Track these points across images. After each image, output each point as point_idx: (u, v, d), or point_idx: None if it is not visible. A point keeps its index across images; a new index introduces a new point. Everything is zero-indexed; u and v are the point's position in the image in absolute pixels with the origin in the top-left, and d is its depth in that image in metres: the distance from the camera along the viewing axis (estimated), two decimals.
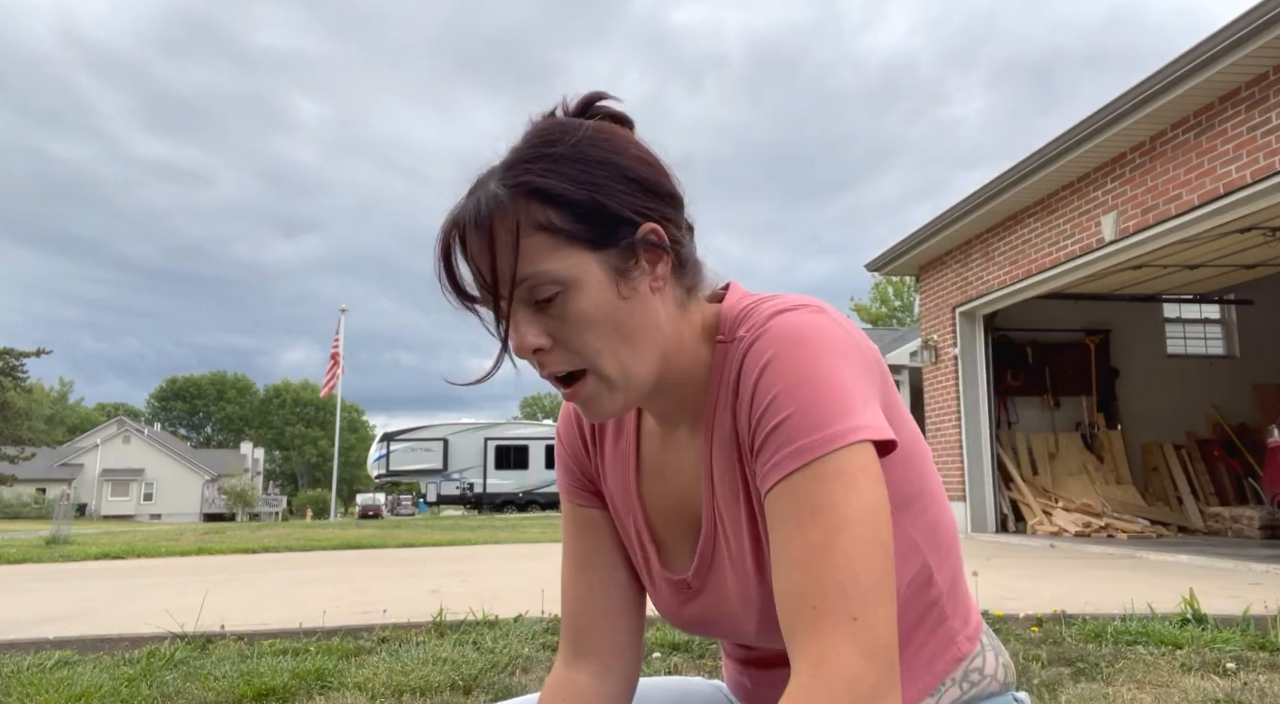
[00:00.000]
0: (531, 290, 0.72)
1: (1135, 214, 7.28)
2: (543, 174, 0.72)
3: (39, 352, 40.00)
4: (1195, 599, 3.81)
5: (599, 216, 0.73)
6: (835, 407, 0.68)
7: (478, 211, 0.73)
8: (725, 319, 0.81)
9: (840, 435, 0.67)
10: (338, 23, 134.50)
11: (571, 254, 0.72)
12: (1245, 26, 5.60)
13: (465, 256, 0.74)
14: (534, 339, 0.74)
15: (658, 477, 0.89)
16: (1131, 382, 11.46)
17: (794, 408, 0.69)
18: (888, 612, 0.65)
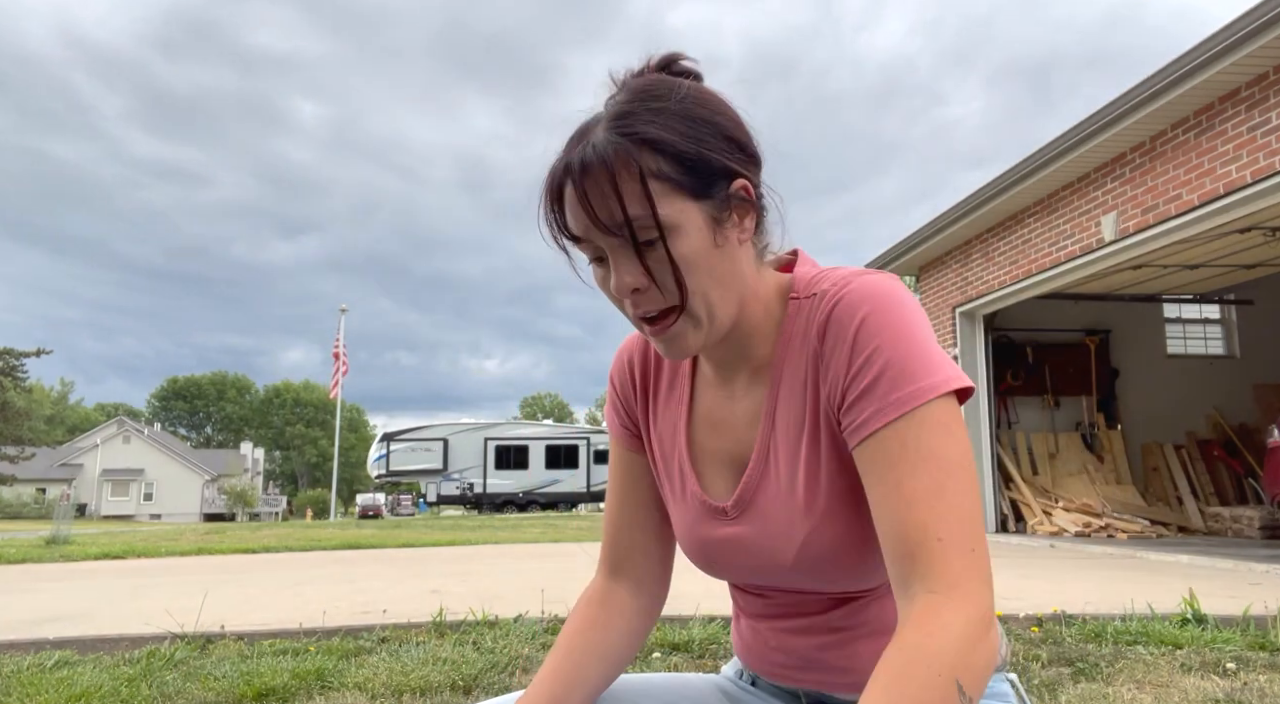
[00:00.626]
0: (640, 232, 0.77)
1: (1135, 214, 7.28)
2: (654, 125, 0.77)
3: (39, 352, 40.00)
4: (1195, 599, 3.81)
5: (703, 169, 0.78)
6: (928, 361, 0.76)
7: (598, 155, 0.76)
8: (800, 280, 0.88)
9: (935, 386, 0.75)
10: (336, 23, 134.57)
11: (678, 201, 0.77)
12: (1245, 26, 5.60)
13: (578, 197, 0.78)
14: (633, 279, 0.78)
15: (708, 422, 0.94)
16: (1131, 382, 11.46)
17: (893, 359, 0.76)
18: (986, 545, 0.74)
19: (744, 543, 0.90)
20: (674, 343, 0.82)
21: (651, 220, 0.76)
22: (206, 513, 56.29)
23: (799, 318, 0.85)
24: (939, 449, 0.74)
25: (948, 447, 0.75)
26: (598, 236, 0.78)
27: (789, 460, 0.85)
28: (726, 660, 3.28)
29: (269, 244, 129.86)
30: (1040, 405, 11.22)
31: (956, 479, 0.74)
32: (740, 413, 0.91)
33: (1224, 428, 11.31)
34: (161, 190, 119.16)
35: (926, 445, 0.74)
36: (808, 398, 0.84)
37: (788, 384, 0.86)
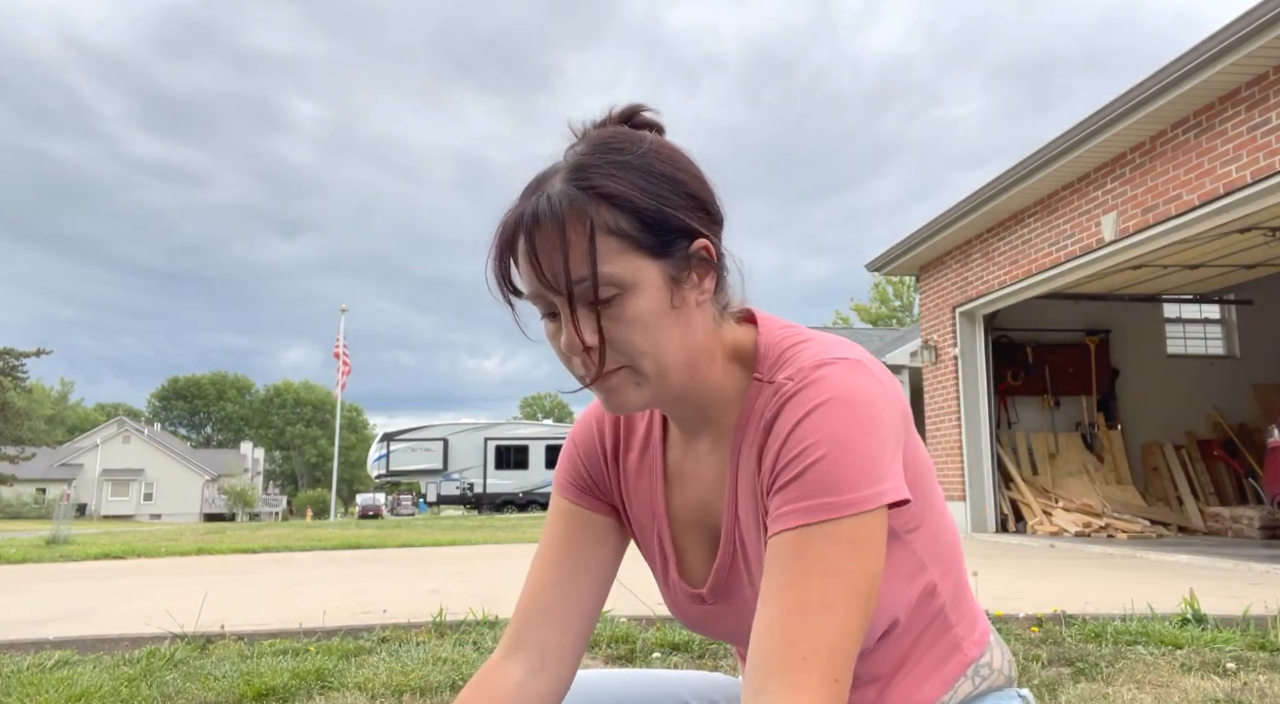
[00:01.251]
0: (590, 291, 0.74)
1: (1135, 214, 7.28)
2: (613, 180, 0.75)
3: (39, 352, 39.99)
4: (1195, 599, 3.81)
5: (662, 227, 0.76)
6: (863, 470, 0.72)
7: (551, 209, 0.74)
8: (763, 355, 0.84)
9: (858, 502, 0.71)
10: (334, 24, 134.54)
11: (635, 259, 0.75)
12: (1245, 27, 5.60)
13: (526, 252, 0.76)
14: (589, 338, 0.76)
15: (679, 485, 0.92)
16: (1131, 382, 11.46)
17: (822, 462, 0.72)
18: (849, 677, 0.71)
19: (727, 622, 0.91)
20: (614, 395, 0.80)
21: (605, 278, 0.74)
22: (206, 513, 56.28)
23: (760, 403, 0.82)
24: (838, 568, 0.70)
25: (849, 567, 0.71)
26: (547, 293, 0.76)
27: (755, 553, 0.84)
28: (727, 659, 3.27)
29: (268, 244, 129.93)
30: (1040, 405, 11.22)
31: (847, 603, 0.70)
32: (705, 476, 0.90)
33: (1224, 428, 11.31)
34: (161, 190, 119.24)
35: (827, 560, 0.71)
36: (759, 486, 0.81)
37: (745, 471, 0.84)
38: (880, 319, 36.74)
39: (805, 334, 0.84)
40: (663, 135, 0.84)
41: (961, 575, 0.91)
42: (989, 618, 1.03)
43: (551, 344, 0.81)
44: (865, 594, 0.71)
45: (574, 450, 1.00)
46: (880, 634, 0.84)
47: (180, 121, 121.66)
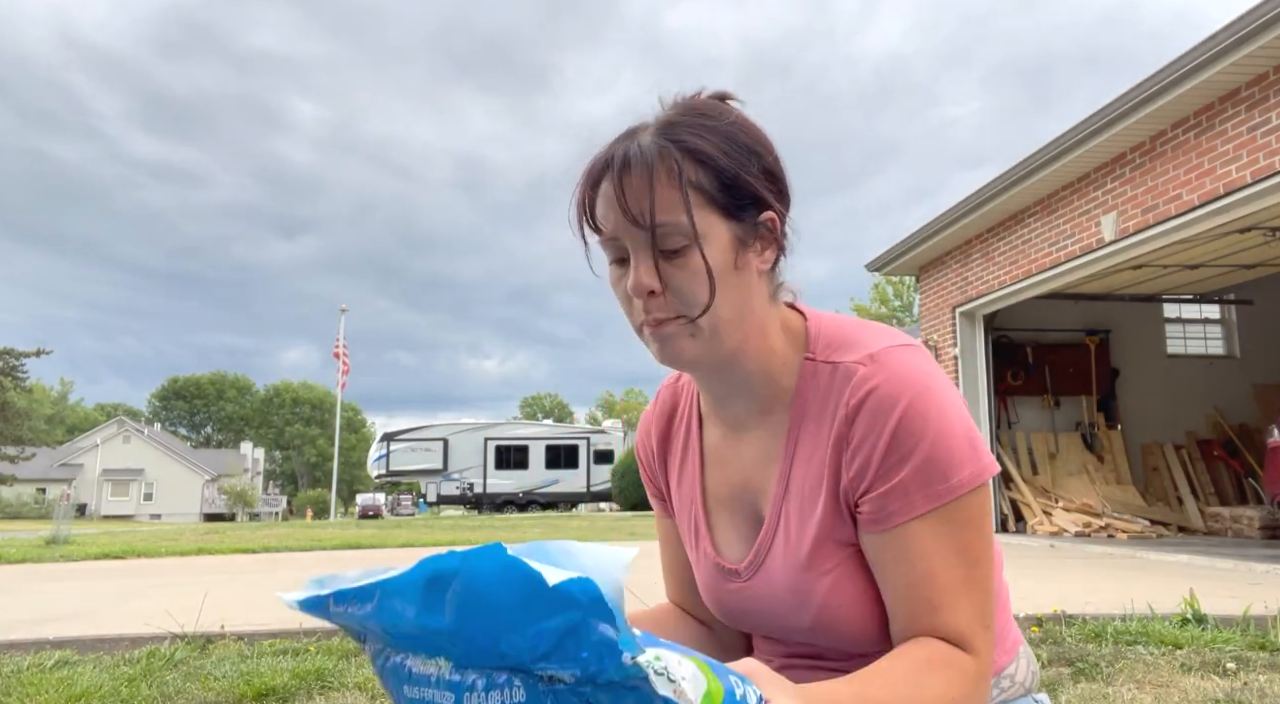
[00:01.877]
0: (667, 237, 0.78)
1: (1135, 214, 7.28)
2: (700, 139, 0.80)
3: (39, 352, 39.98)
4: (1195, 599, 3.81)
5: (738, 191, 0.80)
6: (964, 452, 0.78)
7: (641, 155, 0.79)
8: (814, 336, 0.88)
9: (967, 481, 0.78)
10: (333, 24, 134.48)
11: (709, 215, 0.79)
12: (1245, 26, 5.60)
13: (611, 192, 0.80)
14: (650, 281, 0.79)
15: (718, 467, 0.96)
16: (1131, 382, 11.46)
17: (931, 456, 0.78)
18: (996, 619, 0.82)
19: (759, 604, 0.92)
20: (669, 344, 0.82)
21: (682, 227, 0.78)
22: (206, 513, 56.28)
23: (816, 382, 0.85)
24: (969, 545, 0.79)
25: (976, 541, 0.79)
26: (625, 233, 0.80)
27: (800, 530, 0.86)
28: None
29: (268, 244, 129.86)
30: (1040, 405, 11.22)
31: (983, 572, 0.79)
32: (748, 454, 0.92)
33: (1224, 428, 11.30)
34: (160, 190, 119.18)
35: (958, 541, 0.78)
36: (826, 477, 0.84)
37: (804, 455, 0.86)
38: (880, 319, 36.70)
39: (853, 320, 0.90)
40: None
41: (1001, 588, 0.94)
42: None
43: (615, 290, 0.85)
44: (990, 561, 0.80)
45: (639, 461, 1.08)
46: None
47: (180, 122, 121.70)
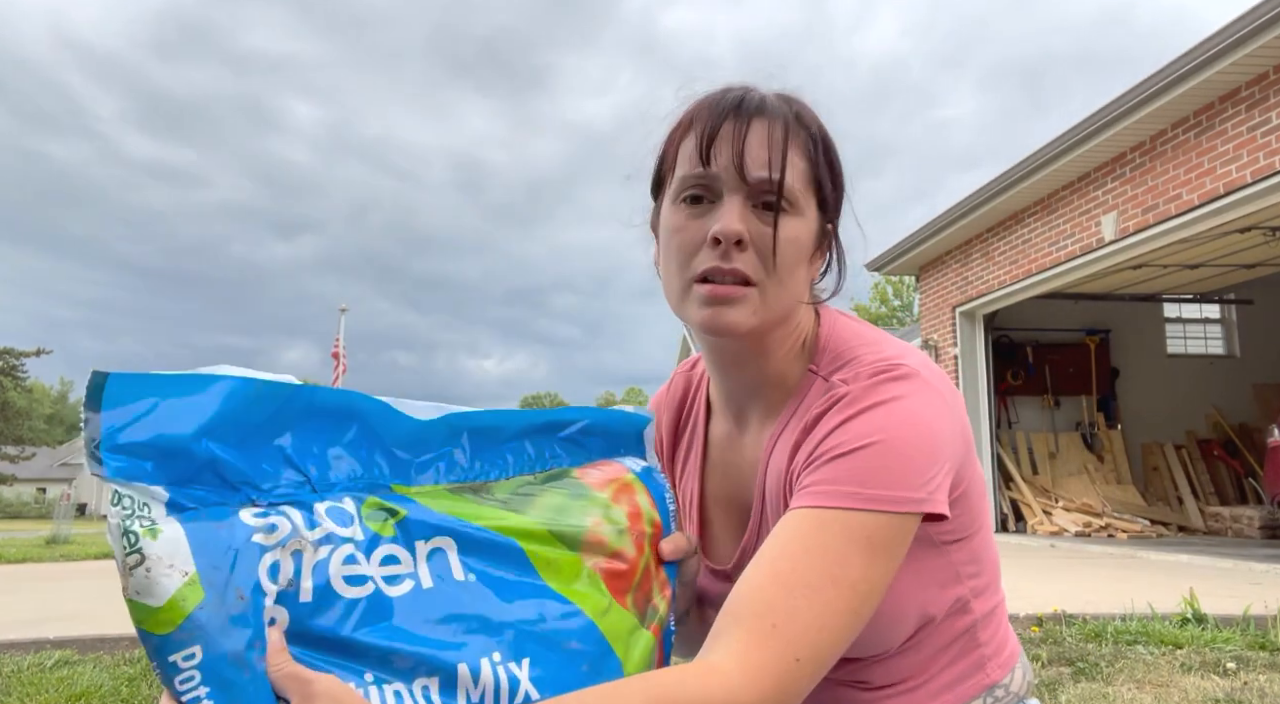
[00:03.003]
0: (771, 191, 0.76)
1: (1135, 214, 7.28)
2: (819, 127, 0.81)
3: (39, 351, 39.98)
4: (1195, 599, 3.81)
5: (832, 191, 0.82)
6: (903, 473, 0.70)
7: (782, 112, 0.78)
8: (822, 347, 0.84)
9: (892, 501, 0.69)
10: (329, 25, 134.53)
11: (810, 195, 0.79)
12: (1246, 26, 5.59)
13: (743, 132, 0.76)
14: (741, 227, 0.75)
15: (718, 463, 0.93)
16: (1131, 381, 11.45)
17: (863, 452, 0.70)
18: (818, 675, 0.67)
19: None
20: (727, 310, 0.77)
21: (794, 192, 0.77)
22: None
23: (809, 397, 0.81)
24: (843, 560, 0.67)
25: (854, 563, 0.67)
26: (733, 175, 0.75)
27: None
28: None
29: (266, 244, 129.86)
30: (1040, 405, 11.22)
31: (837, 596, 0.66)
32: (747, 454, 0.89)
33: (1224, 428, 11.30)
34: (158, 191, 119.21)
35: (833, 550, 0.67)
36: (792, 474, 0.79)
37: (778, 454, 0.82)
38: (880, 319, 36.75)
39: (869, 335, 0.83)
40: None
41: (998, 599, 0.90)
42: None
43: (677, 233, 0.79)
44: (862, 596, 0.68)
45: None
46: (905, 639, 0.82)
47: (177, 122, 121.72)
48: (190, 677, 0.55)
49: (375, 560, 0.65)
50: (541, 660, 0.68)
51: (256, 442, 0.65)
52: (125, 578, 0.56)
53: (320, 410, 0.69)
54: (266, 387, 0.65)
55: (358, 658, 0.61)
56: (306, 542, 0.62)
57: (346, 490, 0.68)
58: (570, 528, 0.75)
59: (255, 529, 0.61)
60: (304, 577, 0.61)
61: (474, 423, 0.77)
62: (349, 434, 0.70)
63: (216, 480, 0.62)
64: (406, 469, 0.73)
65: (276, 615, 0.59)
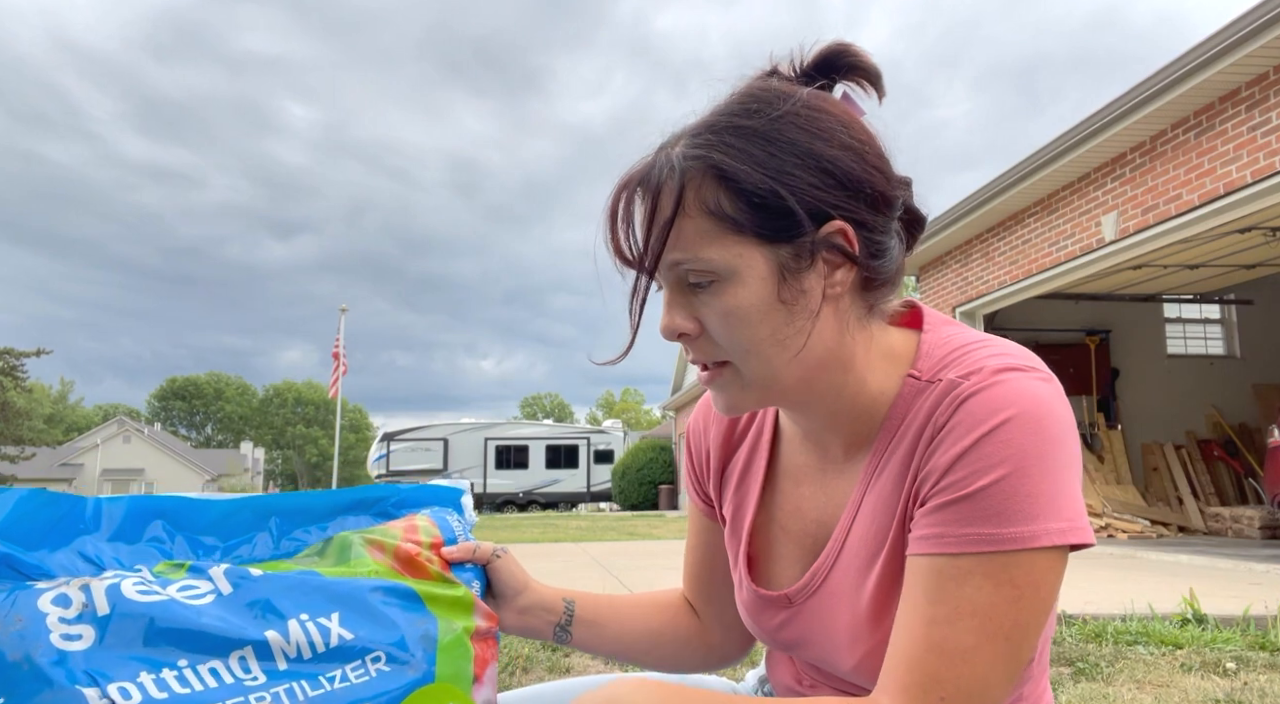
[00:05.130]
0: (688, 274, 0.68)
1: (1135, 214, 7.28)
2: (726, 150, 0.66)
3: (39, 352, 39.98)
4: (1195, 599, 3.81)
5: (776, 208, 0.66)
6: (1043, 502, 0.63)
7: (647, 177, 0.69)
8: (925, 353, 0.73)
9: (1033, 536, 0.63)
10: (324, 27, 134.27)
11: (736, 244, 0.67)
12: (1245, 26, 5.60)
13: (622, 219, 0.70)
14: (681, 322, 0.70)
15: (788, 487, 0.84)
16: (1131, 382, 11.45)
17: (998, 486, 0.63)
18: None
19: (803, 637, 0.82)
20: (720, 396, 0.73)
21: (701, 262, 0.67)
22: None
23: (916, 400, 0.71)
24: (996, 611, 0.63)
25: (1006, 609, 0.63)
26: (649, 275, 0.70)
27: (864, 559, 0.74)
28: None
29: (264, 245, 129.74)
30: None
31: (993, 650, 0.63)
32: (830, 487, 0.80)
33: (1224, 428, 11.30)
34: (155, 192, 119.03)
35: (986, 602, 0.63)
36: (905, 494, 0.71)
37: (887, 471, 0.73)
38: None
39: (977, 334, 0.74)
40: (872, 79, 0.73)
41: (1045, 652, 0.82)
42: None
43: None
44: (1018, 643, 0.63)
45: (687, 451, 0.98)
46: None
47: (173, 124, 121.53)
48: None
49: (171, 589, 0.70)
50: (349, 611, 0.73)
51: (52, 543, 0.73)
52: None
53: (117, 516, 0.77)
54: (56, 496, 0.74)
55: (166, 647, 0.67)
56: (93, 579, 0.69)
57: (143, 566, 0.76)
58: (353, 550, 0.82)
59: (39, 582, 0.68)
60: (96, 596, 0.67)
61: (282, 505, 0.84)
62: (153, 530, 0.79)
63: (10, 571, 0.69)
64: (213, 554, 0.80)
65: (82, 633, 0.65)
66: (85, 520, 0.75)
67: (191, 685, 0.65)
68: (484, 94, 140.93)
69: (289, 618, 0.71)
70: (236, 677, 0.67)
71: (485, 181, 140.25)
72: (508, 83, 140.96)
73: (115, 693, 0.62)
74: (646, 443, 27.49)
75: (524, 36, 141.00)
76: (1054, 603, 0.66)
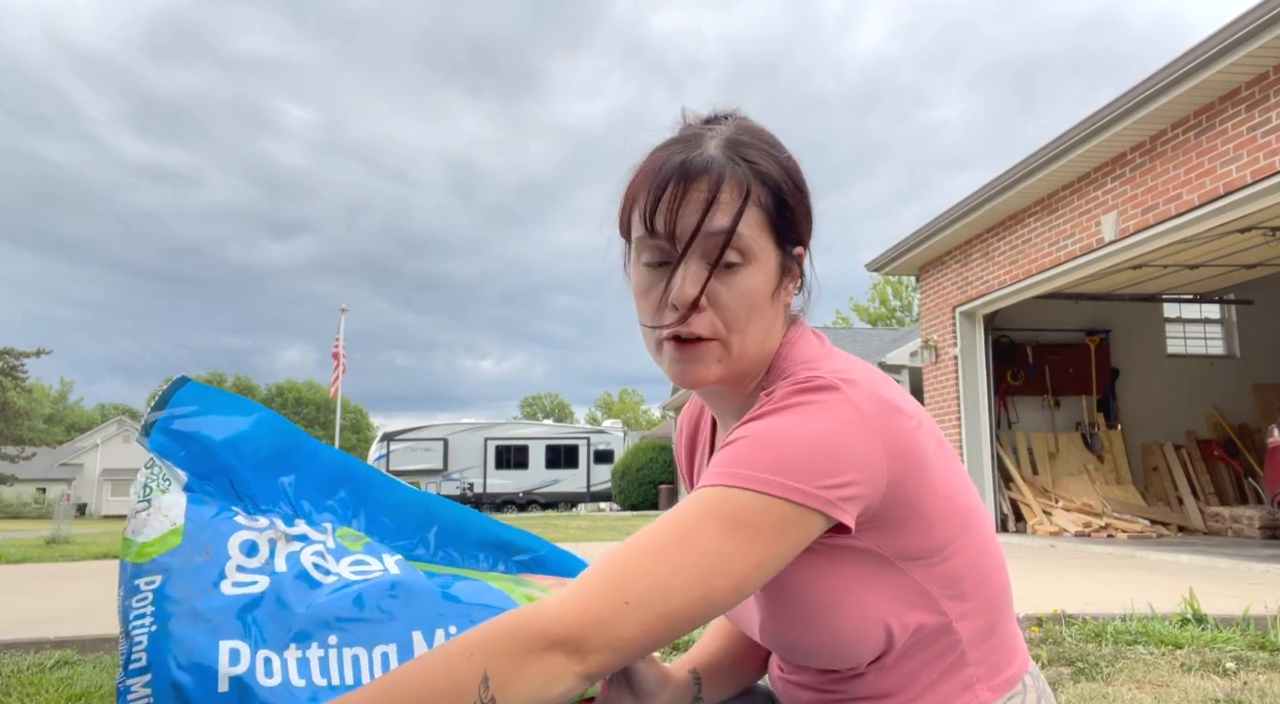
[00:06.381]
0: (725, 251, 0.78)
1: (1135, 214, 7.28)
2: (769, 163, 0.81)
3: (39, 352, 39.97)
4: (1195, 599, 3.81)
5: (791, 222, 0.83)
6: (783, 460, 0.70)
7: (714, 163, 0.79)
8: (775, 370, 0.85)
9: (760, 483, 0.69)
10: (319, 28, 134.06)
11: (766, 240, 0.81)
12: (1245, 26, 5.60)
13: (673, 196, 0.78)
14: (692, 292, 0.78)
15: None
16: (1131, 382, 11.46)
17: (745, 441, 0.73)
18: (656, 631, 0.67)
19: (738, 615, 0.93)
20: (694, 365, 0.81)
21: (743, 244, 0.78)
22: None
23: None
24: (698, 530, 0.69)
25: (708, 534, 0.68)
26: (680, 239, 0.78)
27: None
28: None
29: (262, 245, 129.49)
30: (1040, 405, 11.22)
31: (685, 560, 0.67)
32: None
33: (1224, 428, 11.30)
34: (153, 192, 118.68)
35: (692, 518, 0.69)
36: None
37: None
38: (880, 319, 36.76)
39: (816, 354, 0.84)
40: None
41: (998, 618, 0.88)
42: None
43: (643, 297, 0.83)
44: (712, 565, 0.67)
45: (678, 460, 1.09)
46: (875, 655, 0.81)
47: (171, 124, 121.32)
48: (145, 597, 0.67)
49: (344, 564, 0.75)
50: None
51: (267, 472, 0.79)
52: (129, 521, 0.69)
53: (323, 463, 0.84)
54: (287, 426, 0.80)
55: (319, 628, 0.70)
56: (281, 534, 0.74)
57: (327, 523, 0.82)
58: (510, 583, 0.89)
59: (239, 514, 0.73)
60: (277, 558, 0.72)
61: (444, 516, 0.92)
62: (341, 493, 0.84)
63: (226, 484, 0.75)
64: (383, 534, 0.86)
65: (256, 580, 0.70)
66: (298, 461, 0.81)
67: (330, 675, 0.69)
68: (481, 95, 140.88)
69: (437, 627, 0.74)
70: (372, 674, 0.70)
71: (483, 182, 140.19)
72: (504, 84, 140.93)
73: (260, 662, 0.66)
74: (646, 443, 27.48)
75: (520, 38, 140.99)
76: (775, 553, 0.70)
